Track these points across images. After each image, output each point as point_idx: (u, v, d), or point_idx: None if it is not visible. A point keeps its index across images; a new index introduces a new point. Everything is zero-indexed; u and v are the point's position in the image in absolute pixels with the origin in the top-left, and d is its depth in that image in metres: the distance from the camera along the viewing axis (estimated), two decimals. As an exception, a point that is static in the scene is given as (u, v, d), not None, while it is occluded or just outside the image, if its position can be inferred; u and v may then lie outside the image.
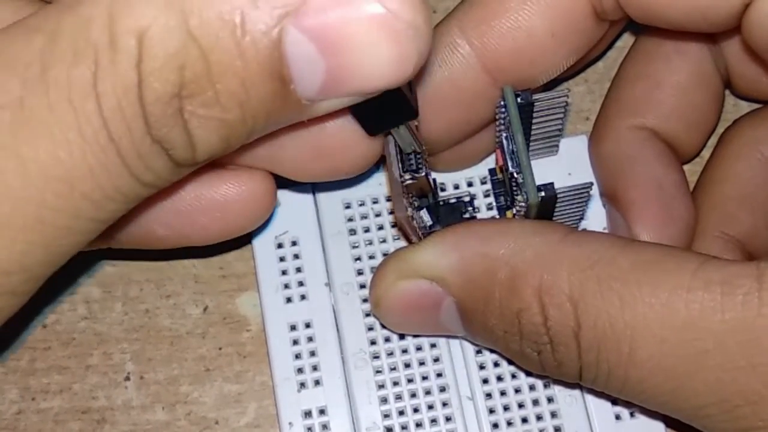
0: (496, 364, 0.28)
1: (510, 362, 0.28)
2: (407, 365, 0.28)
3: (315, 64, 0.19)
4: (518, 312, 0.24)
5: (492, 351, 0.28)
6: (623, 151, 0.29)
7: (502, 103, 0.26)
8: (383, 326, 0.28)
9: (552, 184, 0.25)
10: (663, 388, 0.23)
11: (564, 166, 0.30)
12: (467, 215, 0.29)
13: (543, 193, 0.25)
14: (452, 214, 0.29)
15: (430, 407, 0.28)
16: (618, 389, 0.24)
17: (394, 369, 0.28)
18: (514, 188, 0.26)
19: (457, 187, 0.30)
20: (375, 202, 0.30)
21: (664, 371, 0.23)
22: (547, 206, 0.25)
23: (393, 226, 0.30)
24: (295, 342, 0.29)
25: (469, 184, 0.30)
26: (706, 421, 0.23)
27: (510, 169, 0.26)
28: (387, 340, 0.29)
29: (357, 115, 0.23)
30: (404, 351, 0.29)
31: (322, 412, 0.28)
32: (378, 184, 0.30)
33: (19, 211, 0.19)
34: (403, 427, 0.28)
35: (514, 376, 0.28)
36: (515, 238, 0.24)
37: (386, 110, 0.21)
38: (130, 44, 0.18)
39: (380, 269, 0.27)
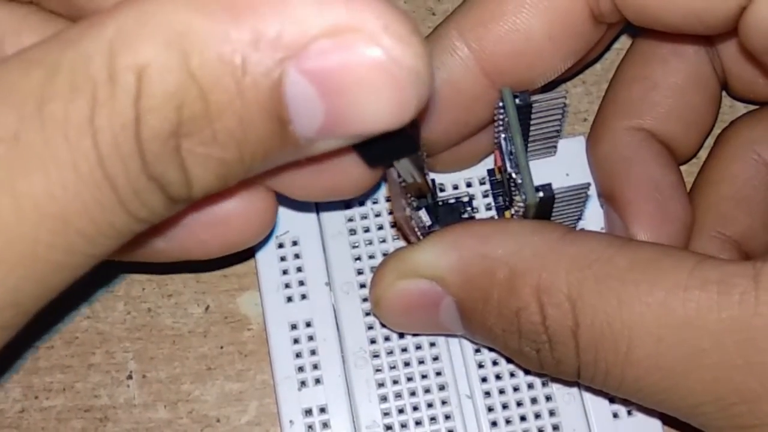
0: (494, 363, 0.29)
1: (509, 361, 0.28)
2: (407, 364, 0.29)
3: (314, 105, 0.19)
4: (517, 311, 0.24)
5: (491, 349, 0.28)
6: (620, 152, 0.29)
7: (501, 104, 0.26)
8: (383, 325, 0.29)
9: (550, 184, 0.25)
10: (660, 387, 0.23)
11: (562, 166, 0.30)
12: (466, 215, 0.29)
13: (541, 194, 0.25)
14: (451, 214, 0.29)
15: (430, 405, 0.28)
16: (615, 387, 0.24)
17: (393, 367, 0.28)
18: (513, 189, 0.26)
19: (456, 187, 0.30)
20: (375, 202, 0.30)
21: (661, 370, 0.23)
22: (545, 206, 0.25)
23: (393, 226, 0.30)
24: (296, 341, 0.29)
25: (468, 185, 0.30)
26: (703, 419, 0.23)
27: (508, 169, 0.26)
28: (387, 339, 0.29)
29: (357, 148, 0.23)
30: (404, 350, 0.29)
31: (322, 410, 0.28)
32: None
33: (13, 247, 0.18)
34: (403, 425, 0.28)
35: (512, 375, 0.28)
36: (514, 238, 0.25)
37: (386, 145, 0.21)
38: (128, 81, 0.18)
39: (380, 269, 0.27)
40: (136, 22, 0.18)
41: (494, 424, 0.28)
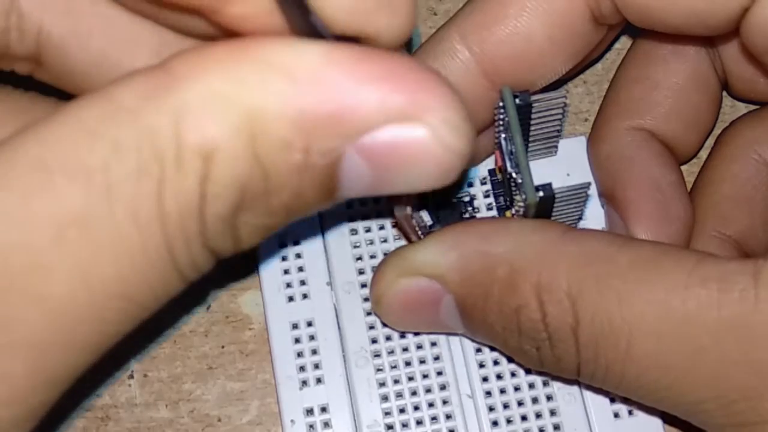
0: (495, 363, 0.28)
1: (510, 360, 0.28)
2: (408, 363, 0.29)
3: (363, 176, 0.19)
4: (517, 308, 0.24)
5: (492, 349, 0.28)
6: (621, 152, 0.29)
7: (501, 104, 0.26)
8: (384, 325, 0.29)
9: (550, 184, 0.25)
10: (660, 384, 0.23)
11: (563, 166, 0.30)
12: (467, 215, 0.29)
13: (541, 193, 0.25)
14: (452, 214, 0.29)
15: (431, 405, 0.28)
16: (615, 385, 0.24)
17: (394, 367, 0.28)
18: (513, 188, 0.26)
19: (457, 187, 0.30)
20: (376, 202, 0.30)
21: (661, 367, 0.23)
22: (545, 206, 0.25)
23: (394, 226, 0.30)
24: (297, 340, 0.29)
25: (469, 185, 0.30)
26: (703, 417, 0.23)
27: (509, 169, 0.26)
28: (388, 338, 0.29)
29: None
30: (405, 349, 0.29)
31: (323, 409, 0.28)
32: (379, 184, 0.30)
33: (83, 329, 0.18)
34: (404, 425, 0.28)
35: (513, 375, 0.28)
36: (514, 237, 0.25)
37: None
38: (196, 164, 0.18)
39: (380, 268, 0.27)
40: (202, 98, 0.18)
41: (495, 423, 0.28)
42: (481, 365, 0.29)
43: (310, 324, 0.29)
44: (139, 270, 0.18)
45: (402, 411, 0.28)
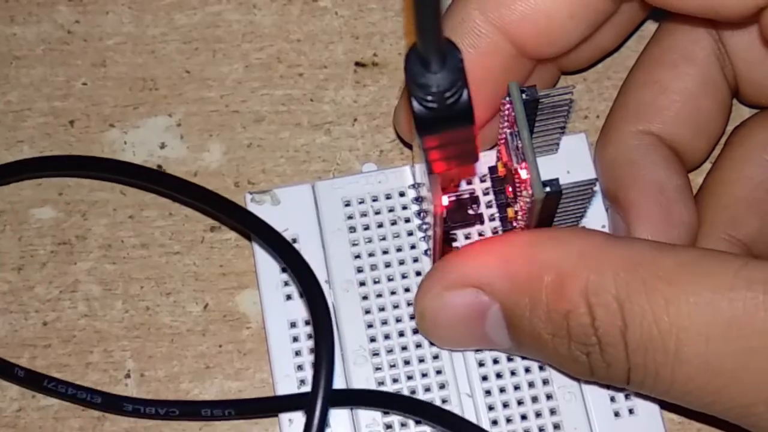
0: (495, 361, 0.28)
1: (509, 359, 0.28)
2: (407, 362, 0.28)
3: None
4: (566, 314, 0.24)
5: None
6: (627, 156, 0.29)
7: (508, 98, 0.26)
8: (384, 323, 0.28)
9: (557, 179, 0.25)
10: (710, 388, 0.23)
11: (563, 163, 0.30)
12: (471, 212, 0.29)
13: (548, 189, 0.25)
14: (458, 210, 0.29)
15: (430, 404, 0.28)
16: (665, 391, 0.24)
17: (393, 366, 0.28)
18: (518, 184, 0.26)
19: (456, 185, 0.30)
20: (374, 199, 0.30)
21: (711, 370, 0.23)
22: (552, 202, 0.25)
23: (392, 224, 0.30)
24: (295, 339, 0.29)
25: (468, 182, 0.30)
26: (755, 420, 0.23)
27: (514, 164, 0.26)
28: (386, 337, 0.29)
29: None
30: (404, 348, 0.29)
31: (322, 409, 0.28)
32: (377, 182, 0.30)
33: None
34: (403, 425, 0.28)
35: (513, 373, 0.28)
36: (559, 243, 0.25)
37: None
38: None
39: (425, 281, 0.27)
40: None
41: (495, 422, 0.28)
42: (481, 364, 0.28)
43: (308, 323, 0.29)
44: None
45: (401, 410, 0.28)
